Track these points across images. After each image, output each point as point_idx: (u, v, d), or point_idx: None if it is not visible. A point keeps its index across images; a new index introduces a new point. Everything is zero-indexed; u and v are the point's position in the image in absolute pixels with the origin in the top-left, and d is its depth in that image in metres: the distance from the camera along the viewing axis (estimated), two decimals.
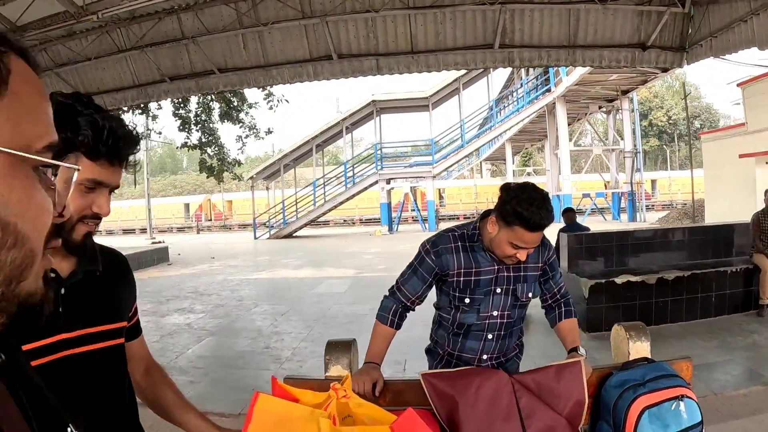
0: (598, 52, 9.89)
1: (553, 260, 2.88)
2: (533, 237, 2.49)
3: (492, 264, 2.71)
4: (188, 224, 53.47)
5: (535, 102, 29.66)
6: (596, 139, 42.02)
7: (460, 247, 2.76)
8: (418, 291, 2.82)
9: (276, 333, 8.56)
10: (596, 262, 8.58)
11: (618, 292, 7.77)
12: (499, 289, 2.75)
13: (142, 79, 11.37)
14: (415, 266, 2.84)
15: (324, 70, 10.53)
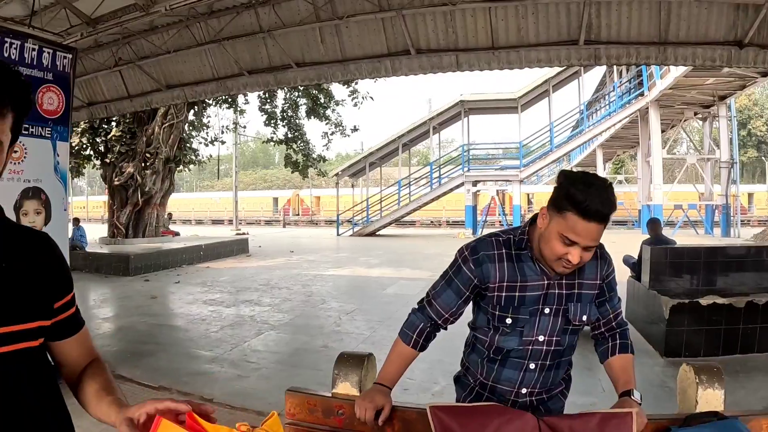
0: (691, 49, 9.11)
1: (612, 278, 2.40)
2: (588, 228, 2.01)
3: (541, 277, 2.24)
4: (275, 218, 54.20)
5: (628, 106, 28.57)
6: (691, 147, 40.56)
7: (504, 255, 2.30)
8: (452, 306, 2.37)
9: (337, 332, 8.48)
10: (680, 280, 7.82)
11: (702, 315, 6.98)
12: (548, 309, 2.28)
13: (221, 73, 11.45)
14: (449, 276, 2.40)
15: (402, 66, 10.28)
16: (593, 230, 2.03)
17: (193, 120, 23.37)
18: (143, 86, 12.45)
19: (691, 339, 6.88)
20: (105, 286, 13.69)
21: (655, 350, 7.07)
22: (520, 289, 2.27)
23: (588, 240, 2.05)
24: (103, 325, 9.25)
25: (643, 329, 7.82)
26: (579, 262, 2.09)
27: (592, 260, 2.27)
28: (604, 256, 2.35)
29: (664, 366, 6.59)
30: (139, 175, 19.98)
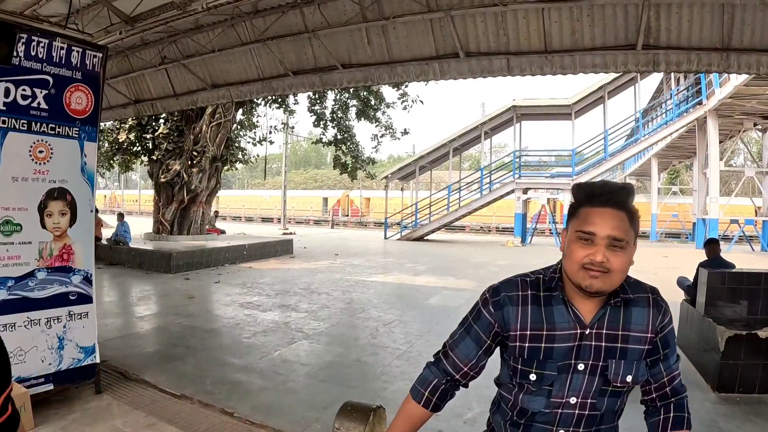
0: (756, 56, 8.40)
1: (670, 332, 1.99)
2: (603, 215, 1.81)
3: (574, 325, 1.90)
4: (324, 218, 54.38)
5: (685, 115, 27.76)
6: (748, 159, 39.39)
7: (529, 297, 1.96)
8: (471, 357, 2.05)
9: (373, 345, 8.18)
10: (738, 307, 7.13)
11: (760, 348, 6.36)
12: (582, 365, 1.90)
13: (266, 73, 11.29)
14: (469, 322, 2.08)
15: (451, 69, 9.89)
16: (608, 216, 1.82)
17: (242, 119, 23.41)
18: (189, 85, 12.39)
19: (747, 373, 6.32)
20: (145, 282, 13.68)
21: (707, 383, 6.55)
22: (547, 338, 1.92)
23: (606, 228, 1.80)
24: (137, 324, 9.19)
25: (695, 358, 7.33)
26: (605, 262, 1.79)
27: (642, 307, 1.94)
28: (658, 303, 1.96)
29: (715, 402, 6.08)
30: (185, 173, 20.03)
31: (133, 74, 12.64)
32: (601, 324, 1.90)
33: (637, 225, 1.89)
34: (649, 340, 1.93)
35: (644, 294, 1.97)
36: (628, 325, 1.91)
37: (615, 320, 1.91)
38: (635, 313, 1.92)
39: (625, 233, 1.81)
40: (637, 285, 1.99)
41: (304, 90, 11.61)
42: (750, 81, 21.20)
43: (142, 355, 7.27)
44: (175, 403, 5.67)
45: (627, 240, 1.82)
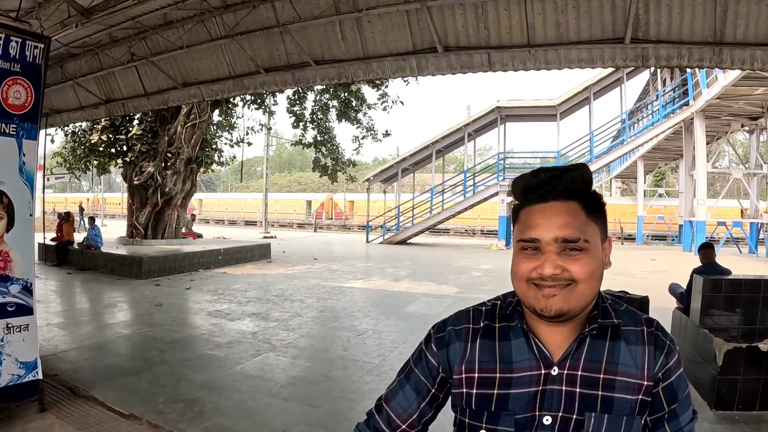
0: (750, 51, 7.94)
1: (678, 380, 1.44)
2: (545, 211, 1.38)
3: (537, 364, 1.42)
4: (308, 221, 54.09)
5: (672, 116, 27.49)
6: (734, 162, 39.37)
7: (482, 330, 1.51)
8: (411, 412, 1.57)
9: (342, 358, 7.69)
10: (735, 316, 6.57)
11: (760, 362, 5.84)
12: (549, 418, 1.38)
13: (238, 71, 10.90)
14: (409, 367, 1.61)
15: (429, 65, 9.43)
16: (553, 213, 1.38)
17: (220, 120, 22.98)
18: (160, 84, 11.99)
19: (746, 389, 5.82)
20: (114, 289, 13.17)
21: (703, 399, 6.04)
22: (500, 383, 1.43)
23: (552, 228, 1.36)
24: (96, 334, 8.67)
25: (689, 370, 6.64)
26: (560, 272, 1.34)
27: (635, 343, 1.42)
28: (658, 340, 1.44)
29: (713, 422, 5.58)
30: (159, 175, 19.52)
31: (102, 72, 12.22)
32: (575, 361, 1.40)
33: (602, 215, 1.45)
34: (644, 389, 1.40)
35: (637, 326, 1.46)
36: (614, 366, 1.40)
37: (595, 357, 1.41)
38: (624, 350, 1.42)
39: (579, 230, 1.36)
40: (628, 314, 1.48)
41: (277, 88, 11.22)
42: (738, 81, 21.07)
43: (96, 369, 6.79)
44: (122, 423, 5.23)
45: (586, 239, 1.36)
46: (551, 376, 1.40)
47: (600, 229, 1.42)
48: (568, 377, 1.39)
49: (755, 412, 5.74)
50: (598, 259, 1.39)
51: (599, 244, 1.41)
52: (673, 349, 1.46)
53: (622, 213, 42.27)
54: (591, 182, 1.44)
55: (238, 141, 24.20)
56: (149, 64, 11.45)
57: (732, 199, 34.25)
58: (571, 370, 1.40)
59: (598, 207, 1.43)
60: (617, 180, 54.87)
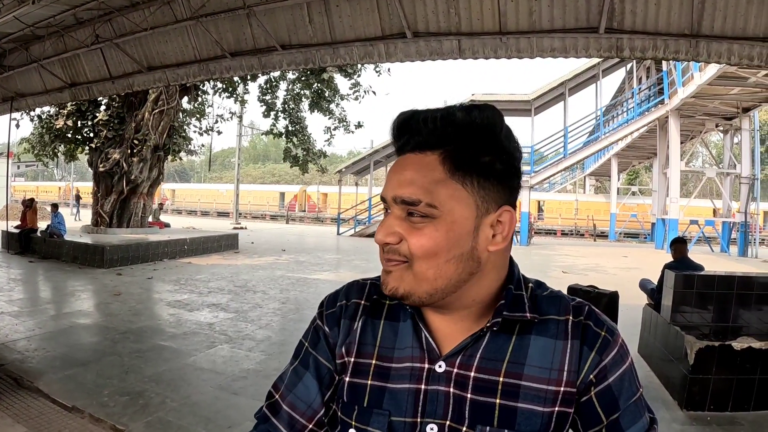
0: (727, 45, 7.76)
1: (618, 383, 1.10)
2: (394, 169, 1.09)
3: (420, 354, 1.13)
4: (281, 213, 54.07)
5: (647, 114, 27.49)
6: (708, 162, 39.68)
7: (370, 307, 1.23)
8: (316, 408, 1.23)
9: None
10: (707, 313, 6.39)
11: (733, 361, 5.62)
12: (434, 427, 1.08)
13: (203, 55, 10.65)
14: (305, 350, 1.28)
15: (397, 50, 9.20)
16: (401, 166, 1.07)
17: (189, 108, 22.66)
18: (125, 67, 11.71)
19: (719, 389, 5.62)
20: (74, 278, 12.82)
21: (674, 399, 5.86)
22: (375, 371, 1.16)
23: (392, 186, 1.06)
24: (49, 324, 8.32)
25: (660, 369, 6.60)
26: (394, 243, 1.05)
27: (557, 338, 1.10)
28: (589, 333, 1.11)
29: (684, 423, 5.36)
30: (125, 162, 19.13)
31: (67, 54, 11.94)
32: (468, 359, 1.10)
33: (494, 172, 1.06)
34: (562, 398, 1.08)
35: (561, 315, 1.13)
36: (518, 368, 1.09)
37: (494, 354, 1.10)
38: (536, 347, 1.10)
39: (424, 191, 1.03)
40: (551, 301, 1.15)
41: (242, 72, 10.98)
42: (714, 80, 21.12)
43: (44, 360, 6.51)
44: (63, 416, 4.98)
45: (431, 203, 1.02)
46: (435, 373, 1.11)
47: (475, 193, 1.05)
48: (458, 378, 1.10)
49: (727, 413, 5.56)
50: (456, 233, 1.04)
51: (465, 213, 1.05)
52: (610, 341, 1.11)
53: (596, 210, 42.49)
54: (477, 126, 1.05)
55: (208, 129, 23.91)
56: (114, 46, 11.18)
57: (705, 199, 34.49)
58: (462, 369, 1.10)
59: (477, 161, 1.05)
60: (591, 177, 55.16)
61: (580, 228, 44.12)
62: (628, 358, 1.13)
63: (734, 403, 5.61)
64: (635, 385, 1.13)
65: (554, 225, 45.71)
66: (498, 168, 1.07)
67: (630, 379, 1.12)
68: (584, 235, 42.35)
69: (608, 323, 1.14)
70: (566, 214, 46.31)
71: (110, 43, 11.03)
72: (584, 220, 43.33)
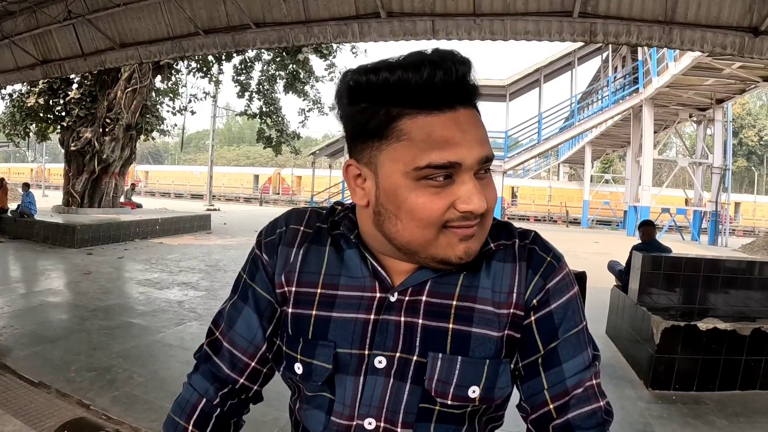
0: (700, 33, 7.77)
1: (560, 310, 1.09)
2: (455, 124, 0.96)
3: (371, 284, 1.09)
4: (255, 195, 53.85)
5: (621, 102, 27.54)
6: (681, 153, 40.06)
7: (314, 233, 1.17)
8: (258, 343, 1.19)
9: None
10: (674, 295, 6.46)
11: (699, 341, 5.68)
12: (383, 360, 1.06)
13: (176, 32, 10.48)
14: (243, 282, 1.22)
15: (371, 30, 9.13)
16: (470, 122, 0.98)
17: (162, 87, 22.45)
18: (97, 44, 11.49)
19: (684, 368, 5.68)
20: (45, 257, 12.69)
21: (640, 378, 5.93)
22: (320, 301, 1.11)
23: (475, 145, 0.97)
24: (18, 302, 8.24)
25: (627, 350, 6.65)
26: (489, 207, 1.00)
27: (505, 262, 1.10)
28: (534, 256, 1.11)
29: (649, 401, 5.42)
30: (97, 142, 18.86)
31: (39, 30, 11.64)
32: (420, 286, 1.08)
33: None
34: (511, 320, 1.07)
35: (509, 240, 1.12)
36: (472, 291, 1.07)
37: (448, 280, 1.07)
38: (488, 271, 1.09)
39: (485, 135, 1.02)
40: (499, 227, 1.14)
41: (216, 50, 10.87)
42: (688, 71, 21.31)
43: (11, 337, 6.46)
44: (29, 392, 4.93)
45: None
46: (389, 302, 1.07)
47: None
48: (409, 305, 1.06)
49: (692, 392, 5.64)
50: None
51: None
52: (555, 267, 1.10)
53: (569, 197, 42.71)
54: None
55: (181, 109, 23.69)
56: (87, 22, 10.96)
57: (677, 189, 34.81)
58: (414, 295, 1.07)
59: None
60: (565, 165, 55.43)
61: (553, 214, 44.38)
62: (573, 287, 1.12)
63: (699, 382, 5.70)
64: (579, 316, 1.11)
65: (528, 211, 45.92)
66: None
67: (574, 309, 1.10)
68: (557, 221, 42.61)
69: (555, 250, 1.13)
70: (540, 200, 46.52)
71: (83, 19, 10.81)
72: (557, 206, 43.54)
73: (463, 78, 0.97)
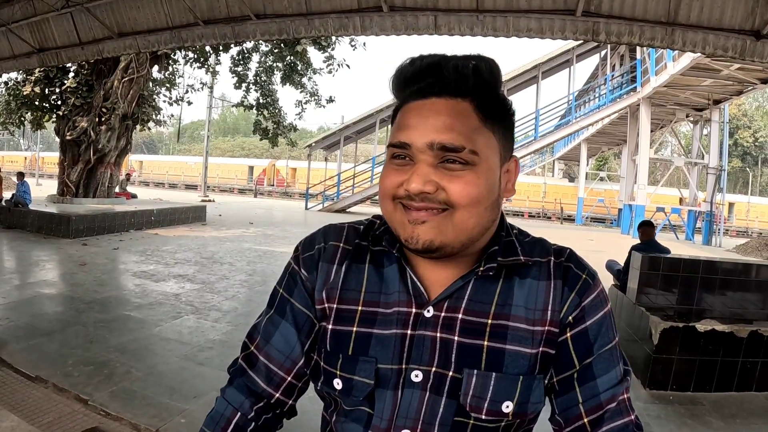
0: (702, 35, 7.77)
1: (595, 326, 1.11)
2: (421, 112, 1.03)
3: (408, 300, 1.10)
4: (250, 187, 53.82)
5: (619, 101, 27.68)
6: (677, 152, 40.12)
7: (352, 252, 1.18)
8: (295, 358, 1.19)
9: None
10: (672, 295, 6.43)
11: (696, 342, 5.70)
12: (419, 374, 1.07)
13: (176, 22, 10.42)
14: (281, 297, 1.23)
15: (373, 24, 9.09)
16: (432, 110, 1.02)
17: (159, 77, 22.35)
18: (95, 33, 11.43)
19: (681, 369, 5.70)
20: (39, 247, 12.60)
21: (637, 378, 5.91)
22: (361, 318, 1.12)
23: (428, 131, 1.00)
24: (12, 294, 8.14)
25: (624, 349, 6.27)
26: (432, 191, 1.00)
27: (538, 278, 1.11)
28: (570, 273, 1.12)
29: (646, 401, 5.43)
30: (92, 131, 18.72)
31: (36, 18, 11.55)
32: (456, 302, 1.09)
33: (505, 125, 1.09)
34: (546, 338, 1.09)
35: (544, 257, 1.14)
36: (507, 309, 1.09)
37: (482, 297, 1.09)
38: (523, 288, 1.10)
39: (466, 137, 1.00)
40: (534, 244, 1.17)
41: (215, 41, 10.81)
42: (687, 71, 21.39)
43: (7, 329, 6.39)
44: (26, 386, 4.90)
45: (474, 149, 1.01)
46: (424, 318, 1.08)
47: (500, 142, 1.07)
48: (445, 321, 1.08)
49: (689, 393, 5.65)
50: (491, 180, 1.05)
51: (496, 161, 1.06)
52: (590, 285, 1.13)
53: (564, 194, 42.78)
54: (495, 77, 1.07)
55: (178, 99, 23.59)
56: (84, 11, 10.87)
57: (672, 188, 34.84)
58: (450, 312, 1.09)
59: (501, 112, 1.08)
60: (560, 162, 55.49)
61: (547, 211, 44.42)
62: (607, 304, 1.15)
63: (696, 383, 5.71)
64: (612, 332, 1.14)
65: (522, 207, 45.95)
66: (512, 118, 1.12)
67: (608, 325, 1.14)
68: (551, 218, 42.69)
69: (589, 268, 1.17)
70: (534, 196, 46.53)
71: (80, 8, 10.74)
72: (552, 203, 43.59)
73: (437, 69, 1.04)
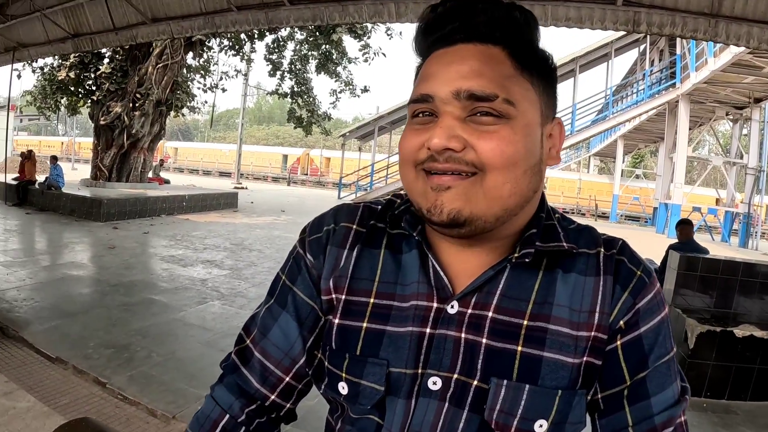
0: (746, 27, 7.27)
1: (651, 333, 0.91)
2: (445, 60, 0.86)
3: (429, 292, 0.92)
4: (283, 175, 53.84)
5: (657, 96, 26.86)
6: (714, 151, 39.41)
7: (366, 235, 1.00)
8: (295, 355, 1.02)
9: None
10: (709, 298, 6.13)
11: (734, 348, 5.42)
12: (438, 381, 0.89)
13: (209, 8, 10.32)
14: (282, 284, 1.07)
15: (408, 11, 8.66)
16: (457, 56, 0.85)
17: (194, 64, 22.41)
18: (129, 19, 11.38)
19: (717, 375, 5.44)
20: (71, 230, 12.69)
21: None
22: (373, 312, 0.95)
23: (452, 78, 0.83)
24: (40, 274, 8.17)
25: None
26: (459, 149, 0.82)
27: (584, 273, 0.92)
28: (623, 270, 0.93)
29: None
30: (126, 116, 18.80)
31: (71, 4, 11.53)
32: (486, 297, 0.91)
33: (546, 78, 0.91)
34: (592, 345, 0.89)
35: (592, 248, 0.95)
36: (547, 308, 0.90)
37: (517, 293, 0.90)
38: (567, 285, 0.91)
39: (498, 84, 0.83)
40: (581, 233, 0.97)
41: (249, 27, 10.70)
42: (728, 67, 20.80)
43: (31, 310, 6.38)
44: (46, 367, 4.88)
45: (508, 98, 0.83)
46: (446, 314, 0.90)
47: (541, 97, 0.89)
48: (472, 320, 0.90)
49: (723, 401, 5.41)
50: (532, 138, 0.86)
51: (536, 117, 0.88)
52: (646, 283, 0.92)
53: (598, 191, 42.28)
54: (532, 26, 0.90)
55: (212, 86, 23.61)
56: None
57: (708, 188, 34.24)
58: (478, 309, 0.90)
59: (540, 63, 0.90)
60: (596, 158, 54.83)
61: (581, 207, 43.95)
62: (665, 309, 0.94)
63: (731, 391, 5.47)
64: (670, 342, 0.93)
65: (556, 203, 45.45)
66: (553, 73, 0.93)
67: (665, 334, 0.93)
68: (585, 214, 42.21)
69: (645, 263, 0.96)
70: (569, 192, 46.05)
71: None
72: (586, 199, 43.12)
73: (463, 13, 0.87)
